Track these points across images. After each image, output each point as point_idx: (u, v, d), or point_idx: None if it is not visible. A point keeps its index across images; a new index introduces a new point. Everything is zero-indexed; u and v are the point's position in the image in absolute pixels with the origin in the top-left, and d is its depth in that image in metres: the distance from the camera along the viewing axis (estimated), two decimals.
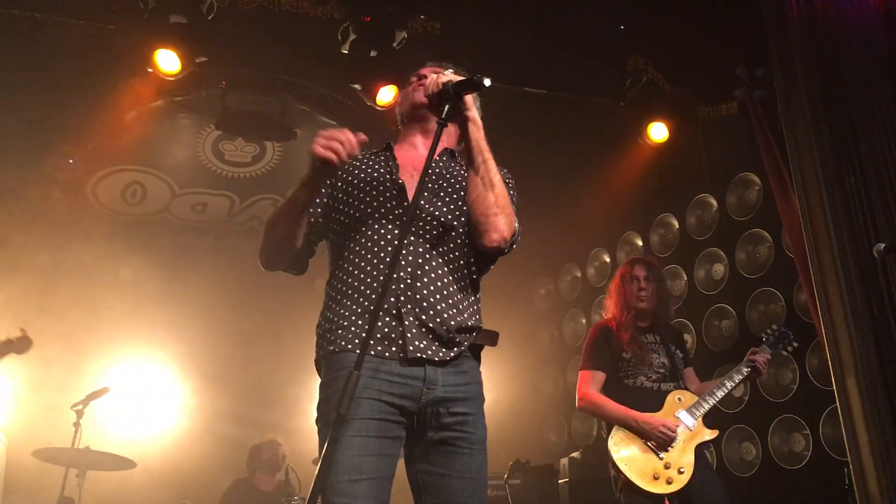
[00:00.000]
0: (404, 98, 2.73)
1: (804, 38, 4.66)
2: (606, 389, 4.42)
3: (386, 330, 2.33)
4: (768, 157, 5.08)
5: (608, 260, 7.63)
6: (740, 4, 5.24)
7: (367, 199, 2.50)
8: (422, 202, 2.47)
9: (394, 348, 2.32)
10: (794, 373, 5.54)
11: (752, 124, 5.27)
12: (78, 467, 5.37)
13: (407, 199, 2.48)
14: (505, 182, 2.54)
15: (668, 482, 4.05)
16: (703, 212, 6.58)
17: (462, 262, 2.49)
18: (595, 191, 7.00)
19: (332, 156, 2.27)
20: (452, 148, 2.67)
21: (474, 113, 2.44)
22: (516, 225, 2.49)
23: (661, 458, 4.10)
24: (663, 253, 6.82)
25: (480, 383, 2.47)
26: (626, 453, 4.17)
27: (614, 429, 4.29)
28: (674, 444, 4.11)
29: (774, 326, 4.55)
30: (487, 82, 2.32)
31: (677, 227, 6.83)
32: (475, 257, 2.53)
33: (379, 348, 2.32)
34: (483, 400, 2.46)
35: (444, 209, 2.50)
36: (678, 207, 6.79)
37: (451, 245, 2.48)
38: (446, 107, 2.37)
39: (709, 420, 4.29)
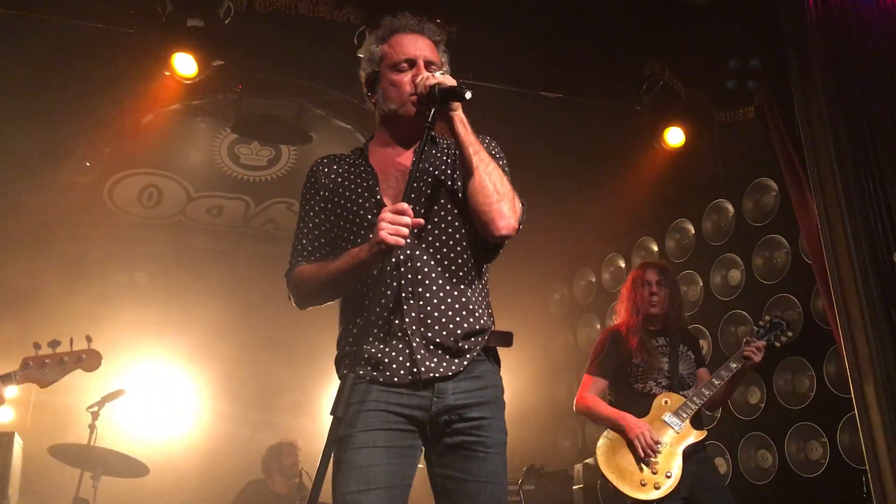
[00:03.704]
0: (397, 98, 2.49)
1: (822, 42, 4.63)
2: (616, 395, 4.43)
3: (394, 354, 2.32)
4: (785, 162, 5.05)
5: (623, 265, 7.60)
6: (757, 8, 5.22)
7: (357, 220, 2.45)
8: (415, 207, 2.40)
9: (402, 372, 2.30)
10: (811, 380, 5.50)
11: (769, 129, 5.24)
12: (92, 469, 5.39)
13: None
14: (498, 163, 2.48)
15: (656, 487, 4.03)
16: (719, 217, 6.54)
17: (464, 258, 2.43)
18: (610, 195, 6.97)
19: (402, 241, 2.19)
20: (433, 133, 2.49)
21: (460, 112, 2.38)
22: (521, 205, 2.43)
23: (648, 465, 4.07)
24: (679, 258, 6.78)
25: (498, 387, 2.43)
26: (613, 461, 4.17)
27: (602, 435, 4.31)
28: (661, 450, 4.09)
29: (767, 317, 4.49)
30: (468, 95, 2.30)
31: (693, 232, 6.79)
32: (481, 246, 2.47)
33: (388, 373, 2.31)
34: (502, 403, 2.42)
35: (435, 208, 2.44)
36: (694, 212, 6.75)
37: (449, 242, 2.43)
38: (433, 110, 2.33)
39: (705, 423, 4.31)
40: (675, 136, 6.09)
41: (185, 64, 5.14)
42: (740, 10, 5.38)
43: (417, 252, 2.39)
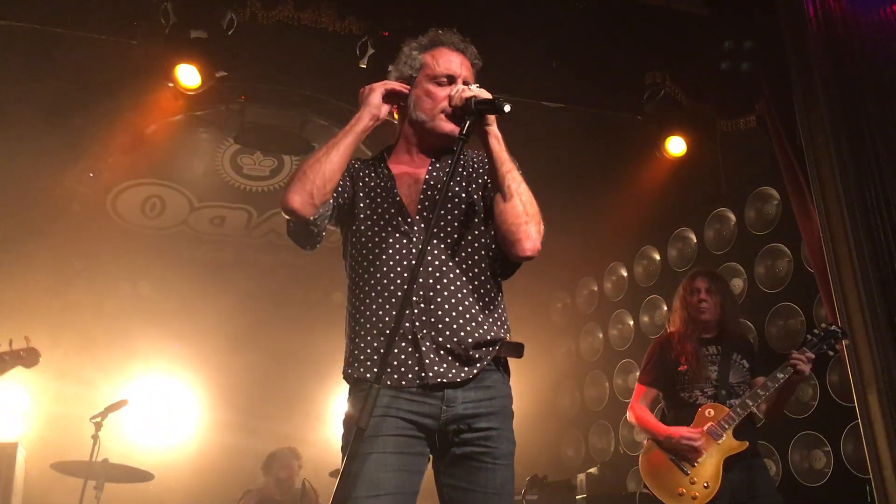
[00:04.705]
0: (429, 109, 2.53)
1: (823, 51, 4.66)
2: (667, 403, 4.44)
3: (403, 357, 2.32)
4: (787, 172, 5.06)
5: (625, 274, 7.60)
6: (759, 18, 5.24)
7: (374, 216, 2.48)
8: (428, 215, 2.42)
9: (410, 375, 2.30)
10: (814, 389, 5.48)
11: (771, 138, 5.25)
12: (96, 479, 5.39)
13: (409, 216, 2.44)
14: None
15: (693, 498, 4.02)
16: (721, 226, 6.55)
17: (481, 269, 2.45)
18: (612, 205, 6.98)
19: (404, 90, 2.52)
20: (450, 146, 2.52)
21: (495, 127, 2.41)
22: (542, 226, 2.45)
23: (687, 474, 4.07)
24: (681, 267, 6.79)
25: (507, 396, 2.43)
26: (653, 471, 4.19)
27: (644, 446, 4.33)
28: (701, 459, 4.07)
29: (823, 325, 4.27)
30: (507, 108, 2.31)
31: (695, 241, 6.80)
32: (500, 264, 2.49)
33: (395, 376, 2.30)
34: (511, 413, 2.42)
35: (454, 220, 2.46)
36: (696, 221, 6.76)
37: (467, 251, 2.44)
38: (467, 123, 2.34)
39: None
40: (676, 146, 6.10)
41: (188, 75, 5.16)
42: (741, 20, 5.40)
43: (433, 256, 2.40)
